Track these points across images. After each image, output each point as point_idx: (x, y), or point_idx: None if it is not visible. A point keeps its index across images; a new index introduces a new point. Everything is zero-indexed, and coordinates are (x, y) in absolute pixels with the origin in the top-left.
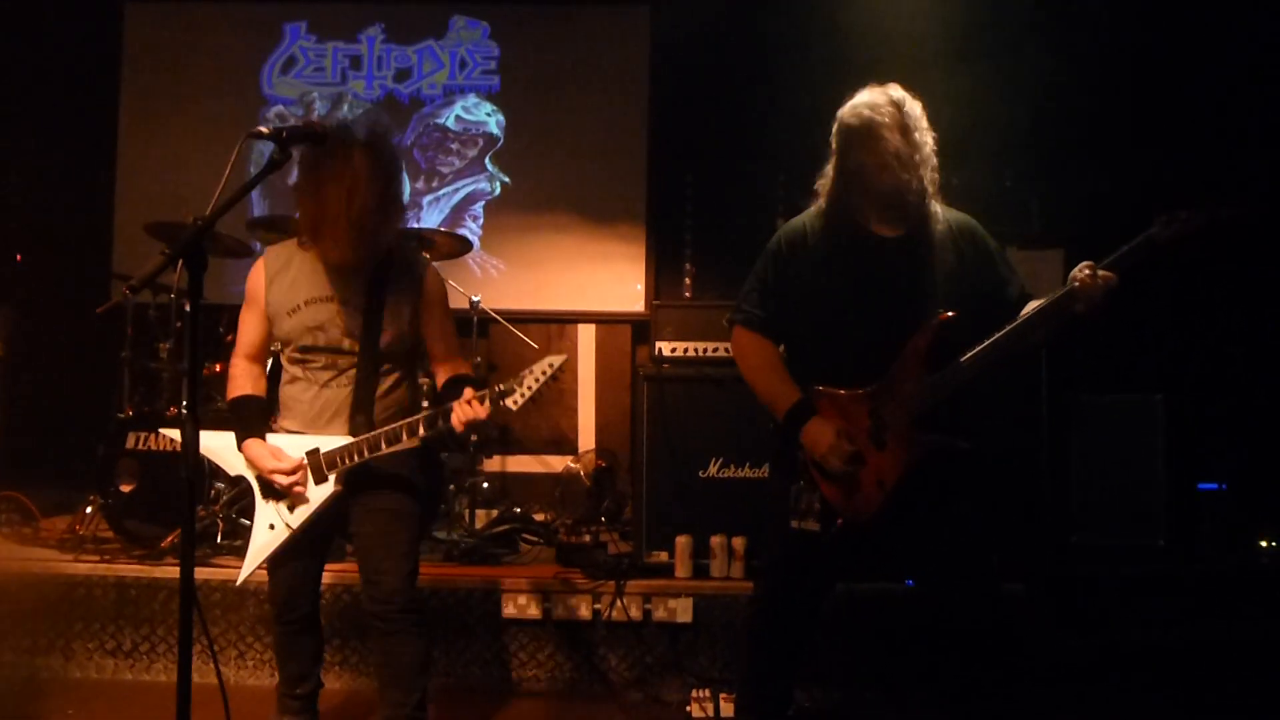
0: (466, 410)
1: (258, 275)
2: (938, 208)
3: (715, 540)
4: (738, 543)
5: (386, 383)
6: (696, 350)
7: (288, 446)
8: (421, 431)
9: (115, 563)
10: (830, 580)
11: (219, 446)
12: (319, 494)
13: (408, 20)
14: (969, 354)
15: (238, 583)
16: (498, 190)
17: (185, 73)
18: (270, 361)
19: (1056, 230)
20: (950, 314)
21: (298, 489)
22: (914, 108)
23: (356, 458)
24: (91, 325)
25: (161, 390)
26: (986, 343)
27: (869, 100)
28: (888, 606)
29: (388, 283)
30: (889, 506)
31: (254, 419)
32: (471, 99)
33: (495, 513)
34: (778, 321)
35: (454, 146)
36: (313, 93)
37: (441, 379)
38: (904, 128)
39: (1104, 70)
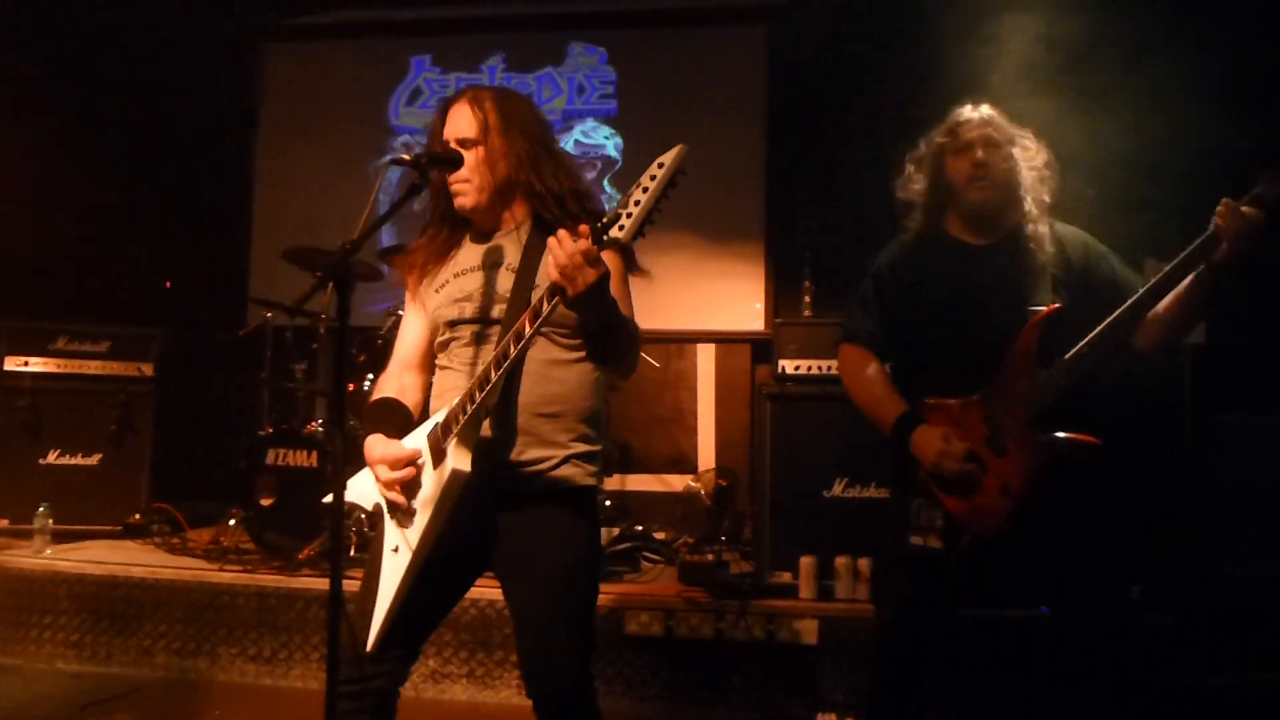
0: (563, 250)
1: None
2: (1041, 225)
3: (840, 561)
4: (863, 564)
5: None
6: (820, 368)
7: (411, 440)
8: (530, 327)
9: (256, 573)
10: (956, 603)
11: (359, 485)
12: (438, 480)
13: (527, 49)
14: (1083, 340)
15: (369, 646)
16: None
17: (318, 106)
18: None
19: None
20: (1055, 305)
21: (399, 494)
22: (1007, 124)
23: (470, 405)
24: (234, 347)
25: (297, 409)
26: (1104, 324)
27: (961, 115)
28: (1020, 634)
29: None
30: (1018, 516)
31: (381, 419)
32: (590, 123)
33: (616, 531)
34: (881, 337)
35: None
36: None
37: None
38: (991, 141)
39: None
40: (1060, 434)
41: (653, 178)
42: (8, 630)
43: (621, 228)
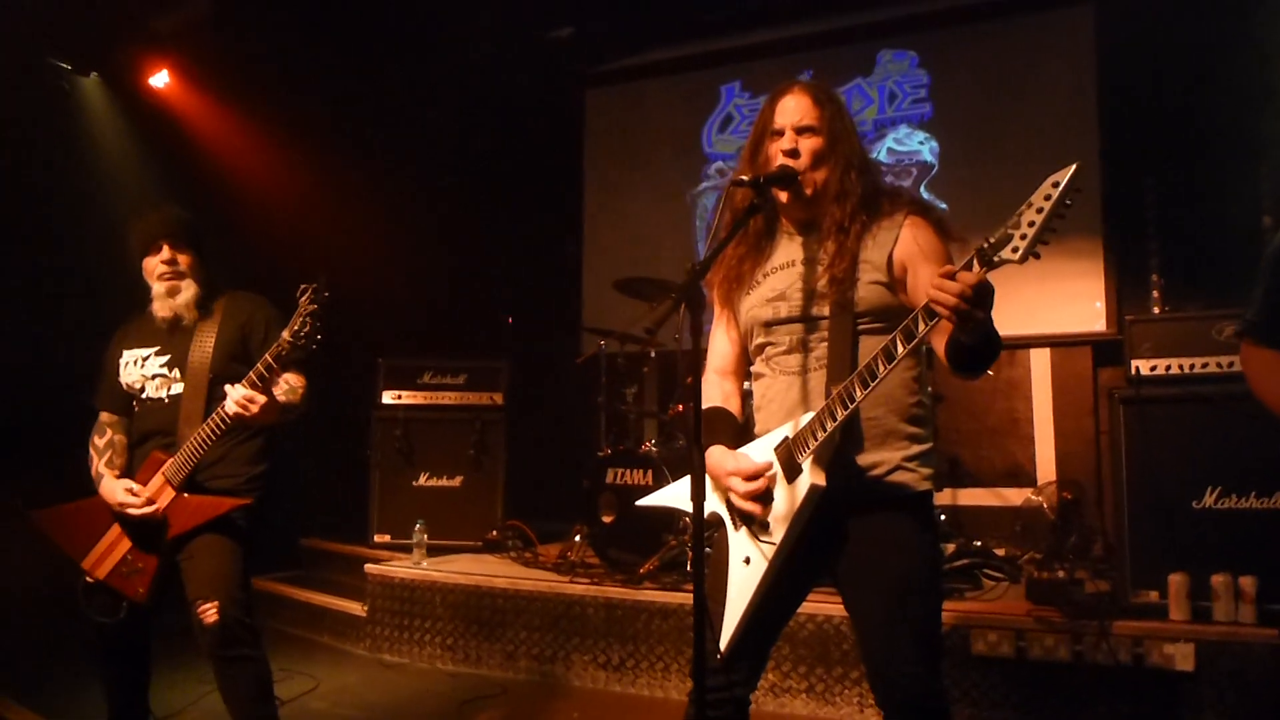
0: (947, 287)
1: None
2: None
3: (1218, 580)
4: (1246, 583)
5: (868, 343)
6: (1180, 367)
7: (755, 451)
8: (903, 347)
9: (602, 585)
10: None
11: (683, 492)
12: (793, 495)
13: (835, 62)
14: None
15: (721, 654)
16: None
17: (636, 142)
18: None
19: None
20: None
21: (756, 507)
22: None
23: (830, 421)
24: (571, 375)
25: (630, 430)
26: None
27: None
28: None
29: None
30: None
31: (717, 430)
32: (903, 130)
33: (953, 547)
34: None
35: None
36: None
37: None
38: None
39: None
40: None
41: (1047, 197)
42: (395, 632)
43: (1015, 250)
